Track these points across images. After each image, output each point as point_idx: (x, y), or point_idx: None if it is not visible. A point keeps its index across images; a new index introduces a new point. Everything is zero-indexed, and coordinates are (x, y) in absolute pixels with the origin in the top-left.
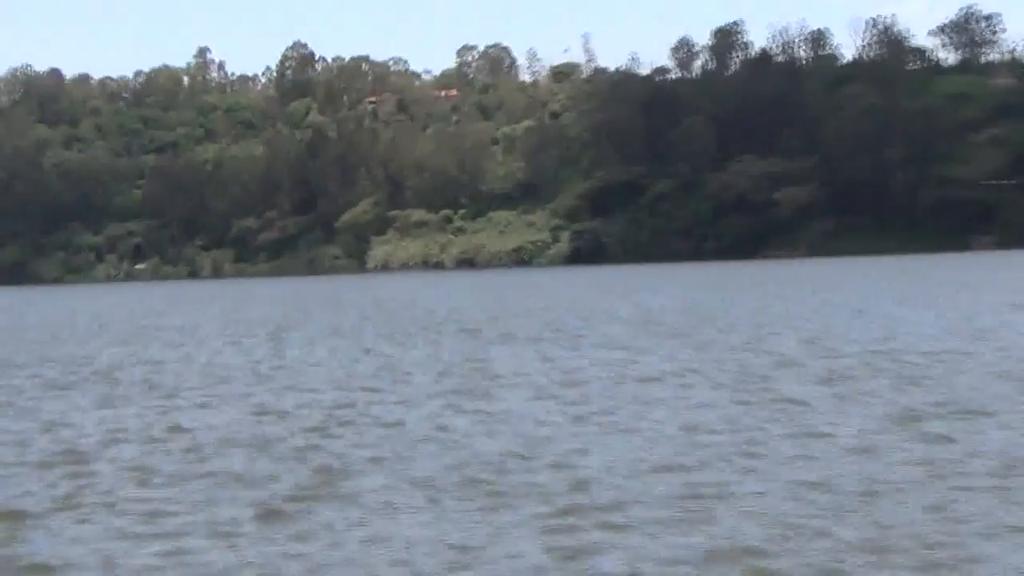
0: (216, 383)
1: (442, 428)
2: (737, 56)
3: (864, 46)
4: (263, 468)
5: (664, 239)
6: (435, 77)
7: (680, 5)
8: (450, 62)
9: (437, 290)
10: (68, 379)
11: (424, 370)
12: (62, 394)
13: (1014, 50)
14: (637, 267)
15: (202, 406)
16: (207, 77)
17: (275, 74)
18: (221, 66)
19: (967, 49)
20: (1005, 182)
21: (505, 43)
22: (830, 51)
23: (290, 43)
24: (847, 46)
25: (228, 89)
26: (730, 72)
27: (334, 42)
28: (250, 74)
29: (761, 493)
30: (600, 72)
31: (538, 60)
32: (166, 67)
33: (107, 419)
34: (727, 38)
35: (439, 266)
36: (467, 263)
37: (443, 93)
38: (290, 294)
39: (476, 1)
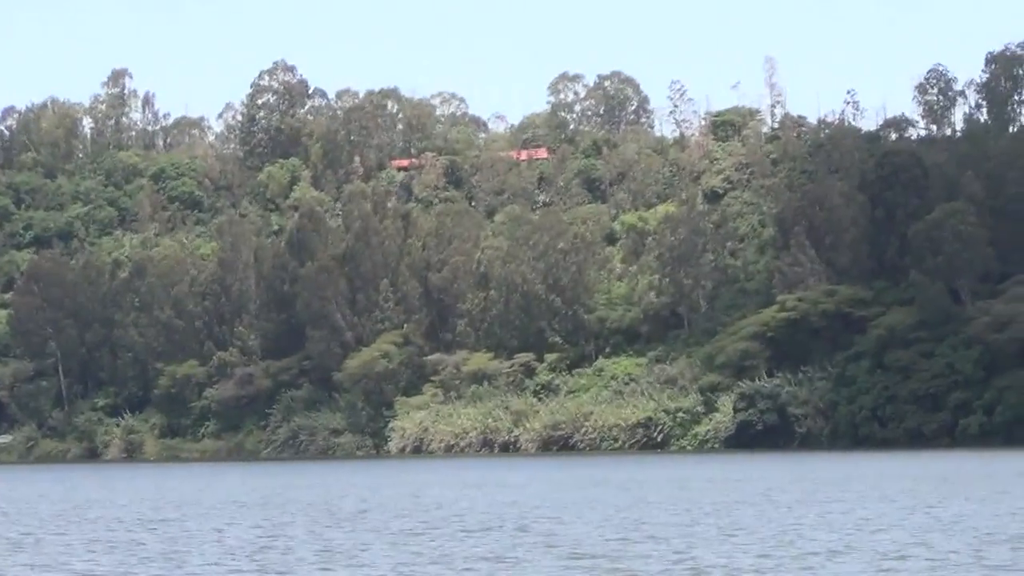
0: None
1: None
2: None
3: None
4: None
5: (896, 410)
6: (512, 127)
7: (933, 16)
8: (538, 102)
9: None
10: None
11: None
12: None
13: None
14: (854, 457)
15: None
16: (124, 120)
17: (239, 117)
18: (148, 102)
19: None
20: None
21: (628, 72)
22: None
23: (268, 64)
24: None
25: (159, 141)
26: (1016, 127)
27: (340, 66)
28: (195, 116)
29: None
30: (793, 123)
31: (687, 100)
32: (55, 102)
33: None
34: (1010, 69)
35: (509, 449)
36: (557, 444)
37: (524, 154)
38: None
39: (582, 4)
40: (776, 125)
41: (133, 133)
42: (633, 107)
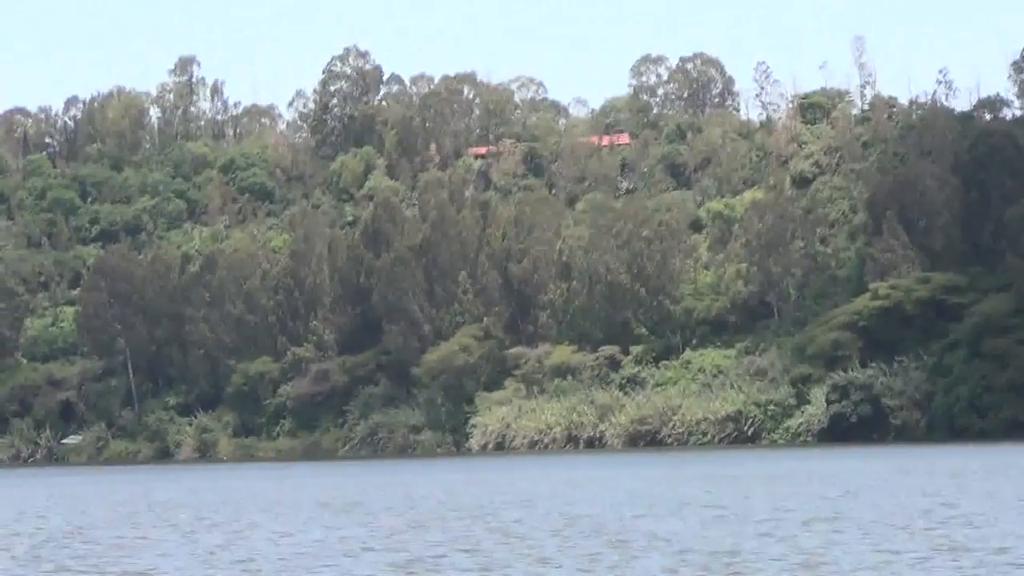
0: None
1: None
2: None
3: None
4: None
5: (994, 400)
6: (593, 112)
7: None
8: (619, 85)
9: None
10: None
11: None
12: None
13: None
14: (953, 450)
15: None
16: (192, 110)
17: (312, 105)
18: (216, 90)
19: None
20: None
21: (713, 53)
22: None
23: (339, 51)
24: None
25: (229, 131)
26: None
27: (415, 51)
28: (265, 104)
29: None
30: (884, 104)
31: (772, 82)
32: (121, 91)
33: None
34: None
35: (595, 444)
36: (644, 439)
37: (606, 140)
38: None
39: None
40: (866, 107)
41: (201, 123)
42: (717, 90)
